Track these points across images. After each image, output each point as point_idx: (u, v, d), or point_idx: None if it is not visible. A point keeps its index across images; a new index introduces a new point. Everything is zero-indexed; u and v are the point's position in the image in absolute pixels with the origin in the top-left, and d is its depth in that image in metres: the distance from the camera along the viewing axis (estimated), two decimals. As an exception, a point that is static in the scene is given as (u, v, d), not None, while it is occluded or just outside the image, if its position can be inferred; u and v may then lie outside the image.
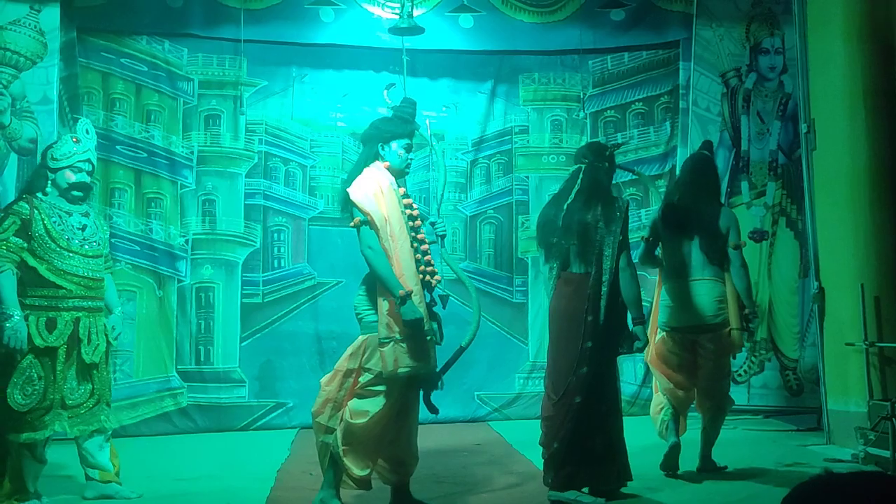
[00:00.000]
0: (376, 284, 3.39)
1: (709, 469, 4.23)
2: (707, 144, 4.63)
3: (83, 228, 3.84)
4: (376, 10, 5.98)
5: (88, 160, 3.89)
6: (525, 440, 5.19)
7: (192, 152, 5.91)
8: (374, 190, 3.42)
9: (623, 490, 3.75)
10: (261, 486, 4.06)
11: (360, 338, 3.43)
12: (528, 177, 6.38)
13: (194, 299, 5.84)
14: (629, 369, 6.06)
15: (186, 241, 5.87)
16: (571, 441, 3.61)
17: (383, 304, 3.34)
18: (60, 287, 3.72)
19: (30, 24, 5.18)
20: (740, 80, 5.99)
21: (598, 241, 3.66)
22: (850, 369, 4.83)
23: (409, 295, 3.30)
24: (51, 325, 3.69)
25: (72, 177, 3.82)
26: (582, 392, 3.61)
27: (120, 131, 5.77)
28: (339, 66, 6.17)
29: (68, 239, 3.76)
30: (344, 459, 3.38)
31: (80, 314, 3.77)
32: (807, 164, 5.19)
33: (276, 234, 6.05)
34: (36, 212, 3.72)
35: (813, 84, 5.16)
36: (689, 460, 4.22)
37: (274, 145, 6.07)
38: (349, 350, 3.45)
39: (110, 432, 3.95)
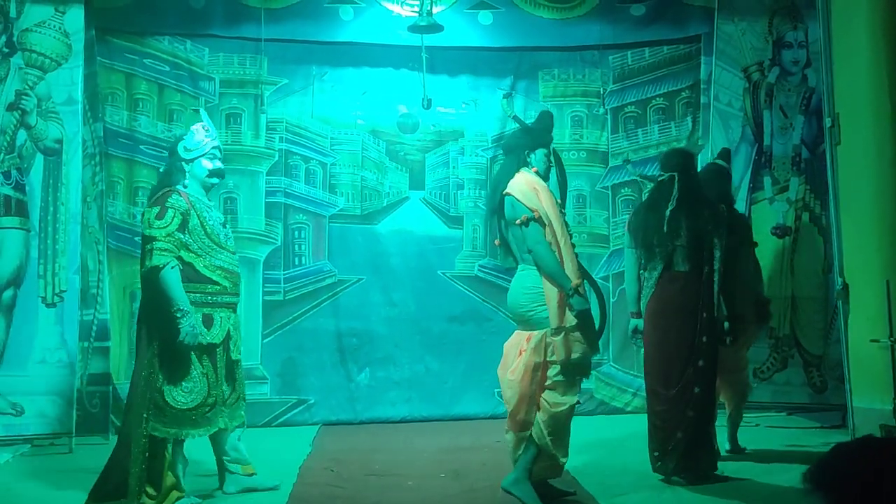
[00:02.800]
0: (541, 279, 3.58)
1: (737, 451, 4.58)
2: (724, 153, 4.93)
3: (224, 224, 3.87)
4: (395, 8, 6.00)
5: (218, 147, 3.90)
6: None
7: (213, 151, 5.96)
8: (534, 189, 3.66)
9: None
10: (283, 482, 4.10)
11: (537, 332, 3.59)
12: (548, 173, 6.35)
13: (217, 297, 5.89)
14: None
15: (208, 239, 5.91)
16: (694, 429, 3.95)
17: (553, 297, 3.55)
18: (216, 283, 3.68)
19: (54, 26, 5.25)
20: (763, 75, 5.92)
21: (707, 242, 4.02)
22: (875, 366, 4.77)
23: (579, 286, 3.55)
24: (207, 322, 3.63)
25: (209, 164, 3.81)
26: (701, 383, 3.98)
27: (143, 131, 5.84)
28: (359, 64, 6.19)
29: (217, 234, 3.74)
30: (552, 449, 3.57)
31: (229, 311, 3.76)
32: (831, 159, 5.13)
33: (296, 232, 6.09)
34: (192, 207, 3.67)
35: (837, 78, 5.09)
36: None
37: (294, 143, 6.11)
38: (531, 344, 3.58)
39: (245, 426, 3.95)
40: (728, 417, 4.68)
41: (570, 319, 3.55)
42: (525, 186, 3.67)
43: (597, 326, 3.79)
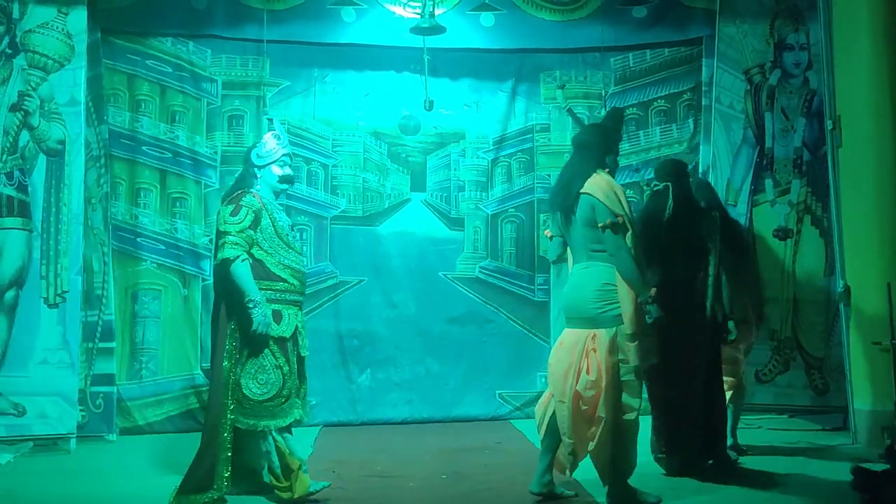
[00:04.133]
0: (616, 281, 3.60)
1: (737, 450, 4.64)
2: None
3: (292, 227, 4.01)
4: (398, 10, 6.00)
5: (288, 154, 4.04)
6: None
7: (215, 152, 5.98)
8: (615, 192, 3.66)
9: None
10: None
11: (604, 331, 3.61)
12: (549, 175, 6.34)
13: (218, 298, 5.90)
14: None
15: (210, 241, 5.92)
16: (705, 424, 4.14)
17: (629, 302, 3.57)
18: (284, 280, 3.81)
19: (57, 27, 5.26)
20: (764, 77, 5.92)
21: (702, 247, 4.21)
22: (876, 368, 4.78)
23: (655, 295, 3.58)
24: (277, 317, 3.75)
25: (279, 171, 3.96)
26: (701, 379, 4.15)
27: (145, 132, 5.85)
28: (361, 66, 6.19)
29: (286, 234, 3.89)
30: (624, 455, 3.64)
31: (296, 308, 3.88)
32: (832, 162, 5.13)
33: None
34: (264, 207, 3.83)
35: (838, 80, 5.10)
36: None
37: (296, 145, 6.07)
38: (605, 343, 3.59)
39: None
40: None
41: (643, 326, 3.59)
42: (608, 189, 3.65)
43: None
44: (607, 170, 3.78)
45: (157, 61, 5.87)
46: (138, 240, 5.80)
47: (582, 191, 3.66)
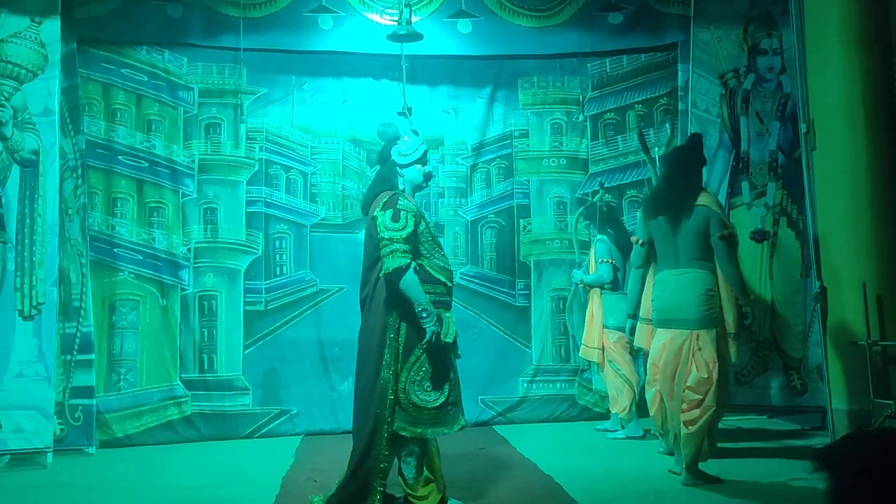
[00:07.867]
0: (720, 287, 4.06)
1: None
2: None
3: (436, 226, 3.85)
4: (375, 18, 6.00)
5: (426, 150, 3.87)
6: (529, 444, 5.19)
7: (193, 161, 5.94)
8: (723, 208, 4.23)
9: None
10: (266, 494, 4.07)
11: (705, 331, 4.02)
12: (528, 180, 6.39)
13: (197, 308, 5.86)
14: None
15: (189, 250, 5.89)
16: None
17: (731, 304, 4.06)
18: (443, 284, 3.63)
19: (30, 37, 5.20)
20: (739, 82, 5.99)
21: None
22: (853, 368, 4.82)
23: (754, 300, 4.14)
24: (439, 323, 3.54)
25: (422, 168, 3.80)
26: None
27: (121, 141, 5.80)
28: (339, 74, 6.19)
29: (436, 235, 3.77)
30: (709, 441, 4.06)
31: (450, 312, 3.68)
32: (807, 164, 5.18)
33: (277, 242, 6.07)
34: (418, 210, 3.66)
35: (811, 84, 5.15)
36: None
37: (274, 153, 6.09)
38: (711, 341, 4.01)
39: None
40: None
41: (743, 327, 4.08)
42: (718, 204, 4.17)
43: None
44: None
45: (133, 70, 5.82)
46: (115, 250, 5.74)
47: (698, 203, 4.08)
